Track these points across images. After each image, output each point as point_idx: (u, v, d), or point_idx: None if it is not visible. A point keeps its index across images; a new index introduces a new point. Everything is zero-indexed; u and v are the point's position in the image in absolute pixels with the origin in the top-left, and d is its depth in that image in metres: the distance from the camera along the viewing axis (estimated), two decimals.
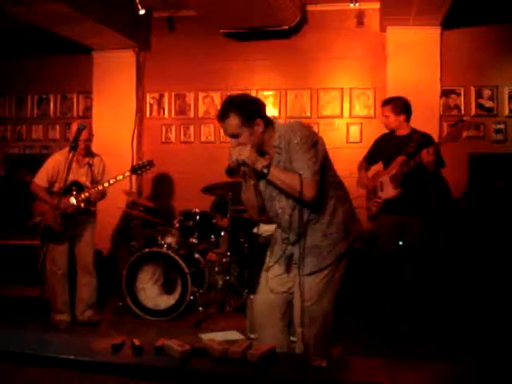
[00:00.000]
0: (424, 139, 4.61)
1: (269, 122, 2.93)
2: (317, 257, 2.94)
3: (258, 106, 2.92)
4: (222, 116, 2.86)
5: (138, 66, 6.91)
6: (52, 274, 4.88)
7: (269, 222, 4.45)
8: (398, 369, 2.18)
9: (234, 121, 2.82)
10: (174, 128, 6.96)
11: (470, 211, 5.50)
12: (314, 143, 2.86)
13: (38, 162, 5.07)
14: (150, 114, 7.02)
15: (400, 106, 4.70)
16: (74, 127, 4.86)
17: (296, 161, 2.83)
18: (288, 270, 3.04)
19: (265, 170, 2.82)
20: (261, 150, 2.91)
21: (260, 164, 2.83)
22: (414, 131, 4.72)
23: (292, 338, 3.15)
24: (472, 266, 5.24)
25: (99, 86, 6.94)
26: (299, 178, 2.78)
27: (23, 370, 2.17)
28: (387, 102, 4.80)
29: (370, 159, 5.03)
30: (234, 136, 2.87)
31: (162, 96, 6.98)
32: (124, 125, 6.82)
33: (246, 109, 2.85)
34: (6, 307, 5.18)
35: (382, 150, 4.89)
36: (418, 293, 4.69)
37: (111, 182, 4.89)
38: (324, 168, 2.93)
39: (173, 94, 6.95)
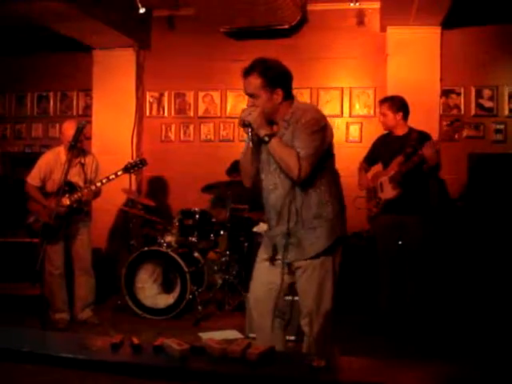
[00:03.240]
0: (422, 138, 4.61)
1: (289, 97, 2.94)
2: (297, 248, 2.93)
3: (284, 77, 2.92)
4: (247, 72, 2.87)
5: (138, 64, 6.91)
6: (49, 274, 4.88)
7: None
8: (397, 369, 2.18)
9: (255, 80, 2.84)
10: (173, 127, 6.96)
11: (469, 211, 5.49)
12: (321, 128, 2.87)
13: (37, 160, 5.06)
14: (150, 112, 7.02)
15: (397, 104, 4.71)
16: (68, 127, 4.84)
17: (298, 139, 2.83)
18: (272, 260, 3.01)
19: (266, 138, 2.83)
20: (272, 121, 2.92)
21: (263, 131, 2.83)
22: (411, 130, 4.71)
23: (288, 338, 3.14)
24: (472, 266, 5.23)
25: (99, 84, 6.94)
26: (296, 156, 2.79)
27: (22, 368, 2.17)
28: (385, 101, 4.80)
29: (369, 160, 5.03)
30: (251, 96, 2.88)
31: (161, 95, 6.98)
32: (124, 123, 6.81)
33: (271, 74, 2.86)
34: (5, 305, 5.17)
35: (380, 150, 4.89)
36: (418, 293, 4.69)
37: (104, 181, 4.88)
38: (326, 157, 2.94)
39: (173, 92, 6.95)
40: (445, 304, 5.21)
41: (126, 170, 5.06)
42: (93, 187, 4.88)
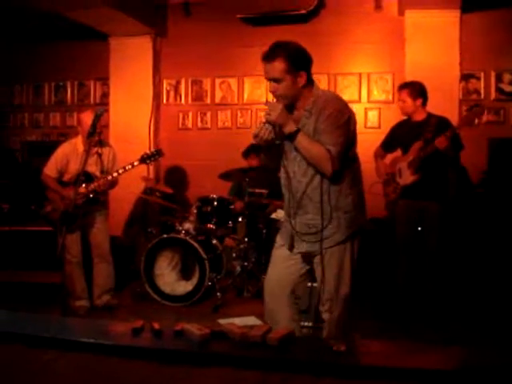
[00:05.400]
0: (441, 123, 4.57)
1: (310, 81, 2.88)
2: (315, 238, 2.91)
3: (306, 59, 2.87)
4: (270, 57, 2.80)
5: (155, 52, 6.90)
6: (68, 263, 4.91)
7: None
8: (417, 352, 2.17)
9: (280, 65, 2.77)
10: (190, 114, 6.96)
11: (489, 197, 5.43)
12: (346, 120, 2.82)
13: (55, 149, 5.08)
14: (167, 100, 7.02)
15: (417, 90, 4.67)
16: (86, 117, 4.84)
17: (324, 134, 2.78)
18: (291, 247, 3.01)
19: (292, 136, 2.79)
20: (291, 106, 2.86)
21: (288, 128, 2.78)
22: (430, 116, 4.67)
23: (303, 323, 3.14)
24: (490, 252, 5.19)
25: (116, 72, 6.95)
26: (325, 151, 2.75)
27: (44, 353, 2.19)
28: (404, 87, 4.76)
29: (387, 146, 4.99)
30: (275, 81, 2.81)
31: (178, 82, 6.98)
32: (141, 111, 6.83)
33: (295, 56, 2.80)
34: (26, 293, 5.22)
35: (399, 136, 4.85)
36: (437, 279, 4.68)
37: (120, 171, 4.88)
38: (350, 146, 2.90)
39: (189, 80, 6.94)
40: (463, 292, 5.18)
41: (143, 160, 5.05)
42: (109, 177, 4.89)
